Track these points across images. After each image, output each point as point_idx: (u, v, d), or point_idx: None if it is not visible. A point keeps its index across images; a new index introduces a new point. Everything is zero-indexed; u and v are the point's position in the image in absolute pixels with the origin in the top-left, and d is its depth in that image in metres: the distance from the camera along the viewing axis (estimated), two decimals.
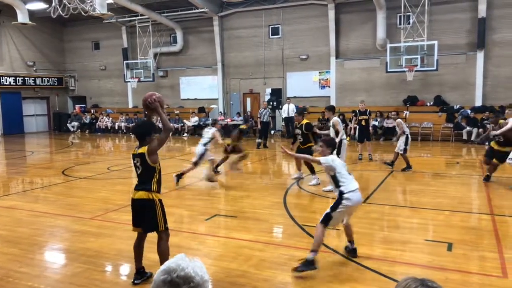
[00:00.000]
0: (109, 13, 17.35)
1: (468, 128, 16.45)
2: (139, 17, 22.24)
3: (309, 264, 4.59)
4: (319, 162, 5.04)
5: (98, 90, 26.53)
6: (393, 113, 14.29)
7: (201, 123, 21.39)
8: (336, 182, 4.88)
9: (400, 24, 17.95)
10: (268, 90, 21.61)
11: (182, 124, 21.74)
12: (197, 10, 21.07)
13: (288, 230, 6.29)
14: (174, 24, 22.78)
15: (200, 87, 23.24)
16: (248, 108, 21.99)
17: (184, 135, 21.27)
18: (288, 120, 18.78)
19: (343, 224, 5.12)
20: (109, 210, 7.39)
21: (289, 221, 6.58)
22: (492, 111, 15.49)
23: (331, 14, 19.42)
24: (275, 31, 21.27)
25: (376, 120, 17.72)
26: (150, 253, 4.64)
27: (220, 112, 21.88)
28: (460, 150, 14.91)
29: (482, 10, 16.93)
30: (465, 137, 16.47)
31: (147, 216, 4.33)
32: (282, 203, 7.62)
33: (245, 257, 5.11)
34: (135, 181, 4.63)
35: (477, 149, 14.73)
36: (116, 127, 23.43)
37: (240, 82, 22.28)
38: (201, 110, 22.39)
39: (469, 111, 16.95)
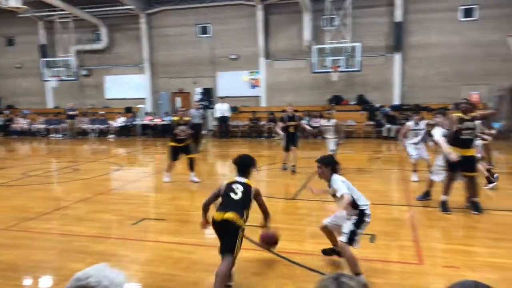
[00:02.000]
0: (24, 6, 16.16)
1: (388, 125, 17.50)
2: (59, 12, 20.93)
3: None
4: (346, 200, 4.27)
5: (13, 90, 24.60)
6: (331, 111, 11.97)
7: (129, 123, 20.66)
8: (353, 200, 4.36)
9: (325, 26, 18.64)
10: (199, 90, 21.42)
11: (107, 125, 20.84)
12: (122, 7, 20.31)
13: None
14: (98, 21, 21.77)
15: (126, 86, 22.43)
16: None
17: (109, 137, 20.38)
18: (221, 120, 18.75)
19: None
20: (26, 219, 6.86)
21: None
22: (412, 109, 16.63)
23: (260, 15, 19.69)
24: (204, 30, 21.12)
25: (306, 120, 18.24)
26: (74, 263, 4.37)
27: (146, 112, 21.24)
28: (381, 146, 15.81)
29: (398, 15, 18.11)
30: (385, 133, 17.50)
31: (230, 239, 4.19)
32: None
33: (174, 261, 4.99)
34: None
35: (396, 145, 15.71)
36: (34, 129, 21.87)
37: (170, 81, 21.84)
38: (128, 110, 21.63)
39: (388, 110, 18.04)
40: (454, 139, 6.59)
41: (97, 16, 21.50)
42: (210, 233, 6.31)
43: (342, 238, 4.36)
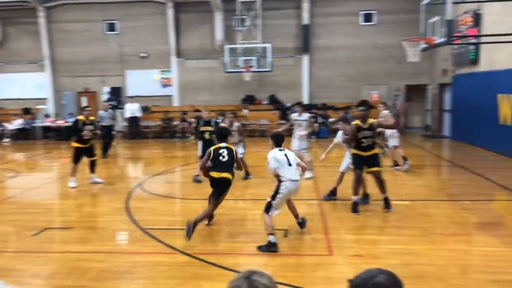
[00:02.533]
0: None
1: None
2: None
3: (271, 246, 5.14)
4: (271, 172, 5.58)
5: None
6: (230, 114, 10.17)
7: (28, 126, 18.99)
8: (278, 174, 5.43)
9: (236, 26, 18.82)
10: (107, 89, 20.39)
11: (1, 128, 18.92)
12: None
13: (131, 236, 6.00)
14: None
15: (24, 85, 20.57)
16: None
17: (4, 140, 18.47)
18: (132, 120, 17.99)
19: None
20: None
21: (131, 226, 6.28)
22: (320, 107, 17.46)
23: (170, 12, 19.29)
24: (112, 27, 20.14)
25: (220, 119, 18.27)
26: None
27: (47, 114, 19.65)
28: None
29: (305, 18, 18.90)
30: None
31: (226, 190, 5.90)
32: (124, 209, 7.24)
33: (83, 271, 4.68)
34: None
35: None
36: None
37: (74, 80, 20.48)
38: (27, 111, 19.87)
39: (298, 109, 18.76)
40: (356, 145, 6.87)
41: None
42: (121, 239, 6.07)
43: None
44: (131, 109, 17.89)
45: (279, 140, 5.67)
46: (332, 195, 7.62)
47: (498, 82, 12.01)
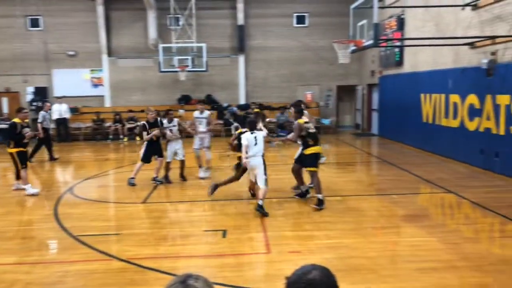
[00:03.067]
0: None
1: (235, 124, 18.25)
2: None
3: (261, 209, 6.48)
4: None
5: None
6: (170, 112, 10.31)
7: None
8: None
9: (170, 25, 18.48)
10: (31, 89, 19.11)
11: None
12: None
13: (60, 244, 5.69)
14: None
15: None
16: (5, 110, 18.90)
17: None
18: (59, 122, 17.00)
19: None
20: None
21: (61, 234, 5.95)
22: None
23: (100, 9, 18.50)
24: (35, 23, 18.91)
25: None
26: None
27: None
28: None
29: (240, 18, 19.01)
30: (233, 131, 18.20)
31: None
32: (53, 215, 6.83)
33: (7, 284, 4.36)
34: None
35: None
36: None
37: None
38: None
39: (235, 109, 18.83)
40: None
41: None
42: (50, 248, 5.73)
43: None
44: (59, 110, 16.91)
45: (251, 125, 6.95)
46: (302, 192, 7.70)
47: (421, 82, 12.88)
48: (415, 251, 5.10)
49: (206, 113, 10.06)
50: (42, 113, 13.21)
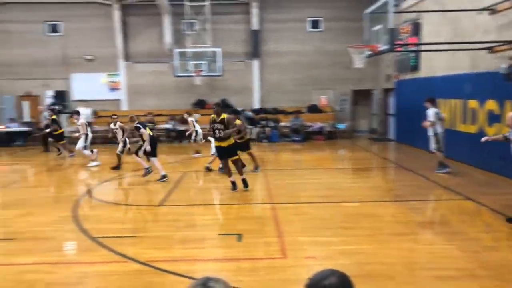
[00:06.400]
0: None
1: (249, 128, 18.31)
2: None
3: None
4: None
5: None
6: (185, 115, 13.87)
7: None
8: None
9: (185, 30, 18.66)
10: (50, 93, 19.47)
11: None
12: None
13: (80, 245, 5.77)
14: None
15: None
16: (26, 113, 19.24)
17: None
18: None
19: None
20: None
21: (80, 235, 6.04)
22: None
23: (117, 15, 18.79)
24: (54, 28, 19.29)
25: (171, 124, 18.10)
26: None
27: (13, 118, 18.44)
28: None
29: (255, 23, 19.11)
30: (247, 136, 18.24)
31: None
32: (71, 217, 6.95)
33: (28, 284, 4.45)
34: None
35: (258, 146, 16.56)
36: None
37: (14, 83, 19.37)
38: None
39: (250, 113, 18.89)
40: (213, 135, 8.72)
41: None
42: (69, 249, 5.83)
43: None
44: (85, 114, 17.22)
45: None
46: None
47: (438, 87, 12.75)
48: (433, 258, 5.04)
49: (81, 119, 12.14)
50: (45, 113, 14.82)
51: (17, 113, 19.20)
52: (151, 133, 9.92)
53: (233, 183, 8.47)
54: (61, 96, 19.41)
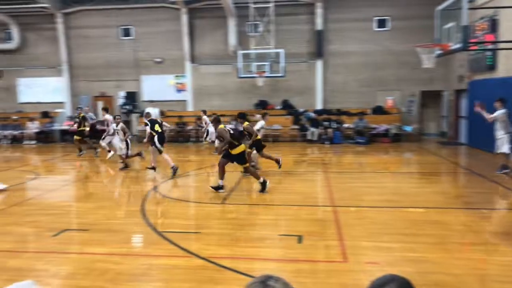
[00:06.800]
0: None
1: (311, 129, 18.17)
2: None
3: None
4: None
5: None
6: (258, 116, 12.56)
7: (46, 129, 19.33)
8: None
9: (250, 32, 18.93)
10: (122, 93, 20.66)
11: (21, 131, 19.30)
12: (36, 5, 19.01)
13: (146, 238, 6.07)
14: (7, 18, 20.16)
15: (43, 89, 21.00)
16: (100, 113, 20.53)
17: (31, 142, 18.83)
18: None
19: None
20: None
21: (147, 229, 6.36)
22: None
23: (184, 18, 19.50)
24: (127, 32, 20.44)
25: (233, 124, 18.39)
26: None
27: (71, 116, 19.92)
28: (306, 149, 16.37)
29: (319, 24, 18.93)
30: (309, 137, 18.14)
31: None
32: (139, 211, 7.33)
33: (100, 272, 4.76)
34: None
35: (320, 148, 16.38)
36: None
37: (90, 84, 20.80)
38: (45, 114, 20.24)
39: (312, 114, 18.75)
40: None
41: (7, 13, 19.90)
42: (137, 242, 6.15)
43: None
44: (153, 113, 18.10)
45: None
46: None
47: None
48: (507, 271, 4.71)
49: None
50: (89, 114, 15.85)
51: (92, 112, 20.53)
52: (160, 130, 10.93)
53: (218, 188, 8.60)
54: (131, 97, 20.51)
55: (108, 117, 13.58)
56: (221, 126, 8.68)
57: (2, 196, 8.70)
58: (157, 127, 10.88)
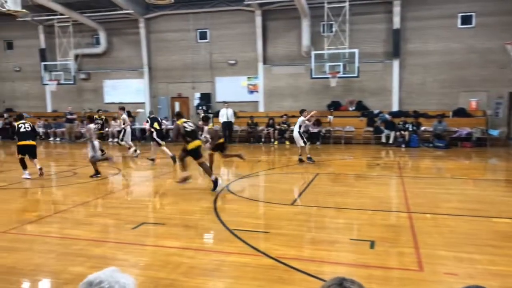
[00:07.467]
0: (24, 10, 16.16)
1: (386, 131, 17.53)
2: (58, 17, 20.99)
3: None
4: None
5: (12, 93, 24.58)
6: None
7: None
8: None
9: (323, 32, 18.71)
10: (197, 95, 21.45)
11: (106, 129, 20.71)
12: (121, 11, 20.37)
13: (218, 235, 6.24)
14: (96, 25, 21.81)
15: (126, 90, 22.45)
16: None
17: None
18: (226, 125, 18.64)
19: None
20: (25, 222, 6.84)
21: (219, 226, 6.53)
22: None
23: (258, 20, 19.76)
24: (203, 36, 21.18)
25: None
26: (73, 266, 4.35)
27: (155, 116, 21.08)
28: (380, 153, 15.83)
29: (396, 22, 18.21)
30: (384, 140, 17.52)
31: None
32: (212, 208, 7.56)
33: (174, 265, 4.98)
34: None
35: (395, 151, 15.75)
36: None
37: (168, 86, 21.86)
38: (128, 114, 21.56)
39: (387, 116, 18.08)
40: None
41: (96, 20, 21.54)
42: (209, 238, 6.34)
43: None
44: (225, 114, 18.60)
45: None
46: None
47: None
48: None
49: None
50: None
51: (170, 112, 21.58)
52: (158, 128, 12.92)
53: (181, 179, 9.12)
54: (206, 98, 21.21)
55: (125, 116, 14.57)
56: (180, 121, 9.07)
57: (88, 189, 9.42)
58: (156, 125, 12.86)
